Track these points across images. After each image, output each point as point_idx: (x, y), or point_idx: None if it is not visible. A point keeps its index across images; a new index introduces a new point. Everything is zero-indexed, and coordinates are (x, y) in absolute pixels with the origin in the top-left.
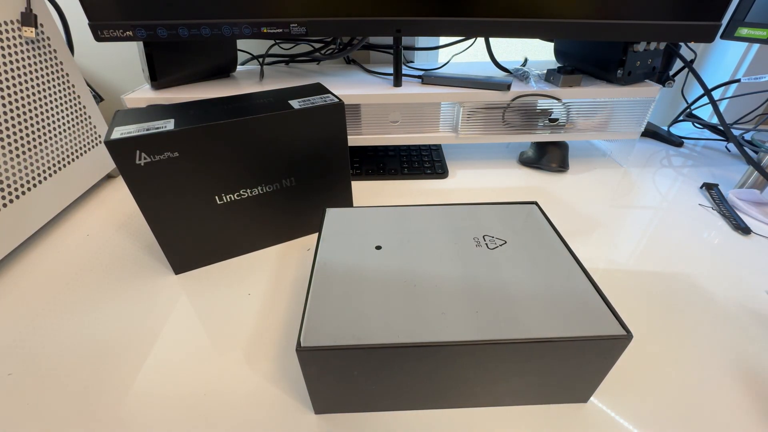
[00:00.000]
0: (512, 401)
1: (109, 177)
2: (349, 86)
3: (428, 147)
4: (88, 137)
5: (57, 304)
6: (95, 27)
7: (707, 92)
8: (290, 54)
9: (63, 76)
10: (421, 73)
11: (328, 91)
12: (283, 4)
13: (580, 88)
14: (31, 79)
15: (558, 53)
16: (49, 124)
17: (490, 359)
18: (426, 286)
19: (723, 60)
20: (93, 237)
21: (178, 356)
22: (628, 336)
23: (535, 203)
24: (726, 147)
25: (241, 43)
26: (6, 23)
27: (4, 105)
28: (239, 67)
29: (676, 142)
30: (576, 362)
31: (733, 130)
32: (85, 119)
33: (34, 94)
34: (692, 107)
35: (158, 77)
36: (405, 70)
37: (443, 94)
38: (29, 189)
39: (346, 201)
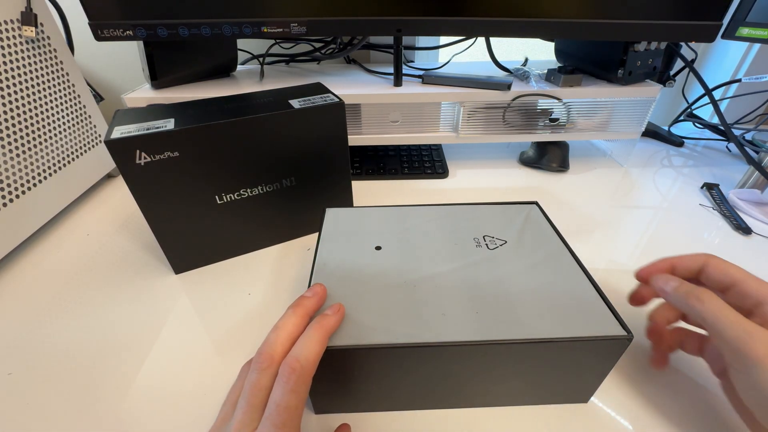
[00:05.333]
0: (512, 401)
1: (109, 176)
2: (349, 86)
3: (428, 147)
4: (88, 137)
5: (57, 304)
6: (95, 26)
7: (708, 92)
8: (290, 53)
9: (63, 76)
10: (421, 72)
11: (329, 91)
12: (283, 4)
13: (581, 88)
14: (31, 79)
15: (558, 53)
16: (49, 124)
17: (491, 360)
18: (426, 286)
19: (724, 60)
20: (93, 236)
21: (178, 356)
22: (628, 336)
23: (536, 203)
24: (727, 147)
25: (241, 43)
26: (6, 22)
27: (4, 104)
28: (239, 67)
29: (677, 142)
30: (576, 362)
31: (733, 130)
32: (85, 119)
33: (34, 93)
34: (693, 107)
35: (158, 77)
36: (405, 69)
37: (443, 93)
38: (29, 188)
39: (346, 201)
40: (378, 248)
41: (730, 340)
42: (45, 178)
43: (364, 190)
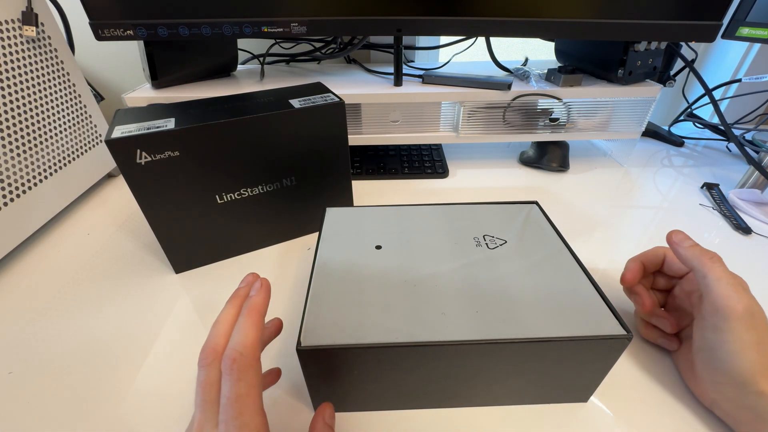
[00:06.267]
0: (512, 401)
1: (109, 176)
2: (349, 85)
3: (428, 146)
4: (88, 136)
5: (57, 303)
6: (96, 26)
7: (708, 92)
8: (291, 53)
9: (63, 75)
10: (421, 72)
11: (329, 91)
12: (283, 4)
13: (581, 88)
14: (32, 78)
15: (559, 53)
16: (49, 123)
17: (490, 359)
18: (426, 285)
19: (724, 60)
20: (93, 236)
21: (179, 355)
22: (628, 336)
23: (536, 203)
24: (727, 147)
25: (241, 43)
26: (7, 22)
27: (4, 104)
28: (240, 67)
29: (677, 141)
30: (576, 362)
31: (733, 130)
32: (86, 118)
33: (34, 93)
34: (693, 107)
35: (159, 76)
36: (405, 69)
37: (444, 93)
38: (30, 188)
39: (346, 200)
40: (378, 248)
41: (718, 297)
42: (45, 177)
43: (364, 190)
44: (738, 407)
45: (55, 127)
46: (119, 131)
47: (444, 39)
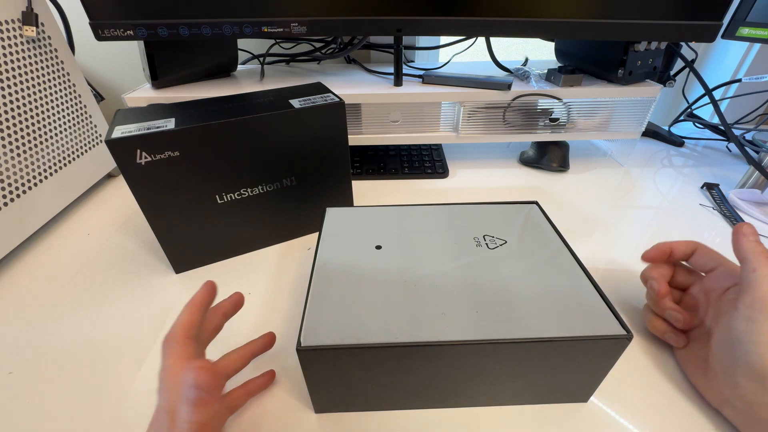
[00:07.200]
0: (512, 401)
1: (109, 176)
2: (349, 86)
3: (429, 146)
4: (88, 136)
5: (57, 303)
6: (96, 26)
7: (708, 92)
8: (291, 53)
9: (64, 75)
10: (421, 72)
11: (329, 91)
12: (284, 4)
13: (581, 88)
14: (32, 78)
15: (559, 53)
16: (49, 123)
17: (490, 359)
18: (426, 285)
19: (724, 60)
20: (93, 236)
21: None
22: (628, 336)
23: (536, 203)
24: (727, 147)
25: (241, 43)
26: (7, 22)
27: (4, 104)
28: (240, 67)
29: (677, 141)
30: (576, 362)
31: (734, 130)
32: (86, 118)
33: (34, 93)
34: (693, 107)
35: (159, 76)
36: (405, 69)
37: (444, 93)
38: (30, 188)
39: (346, 200)
40: (378, 248)
41: (760, 291)
42: (45, 177)
43: (364, 190)
44: (753, 404)
45: (55, 127)
46: (119, 131)
47: (444, 39)
